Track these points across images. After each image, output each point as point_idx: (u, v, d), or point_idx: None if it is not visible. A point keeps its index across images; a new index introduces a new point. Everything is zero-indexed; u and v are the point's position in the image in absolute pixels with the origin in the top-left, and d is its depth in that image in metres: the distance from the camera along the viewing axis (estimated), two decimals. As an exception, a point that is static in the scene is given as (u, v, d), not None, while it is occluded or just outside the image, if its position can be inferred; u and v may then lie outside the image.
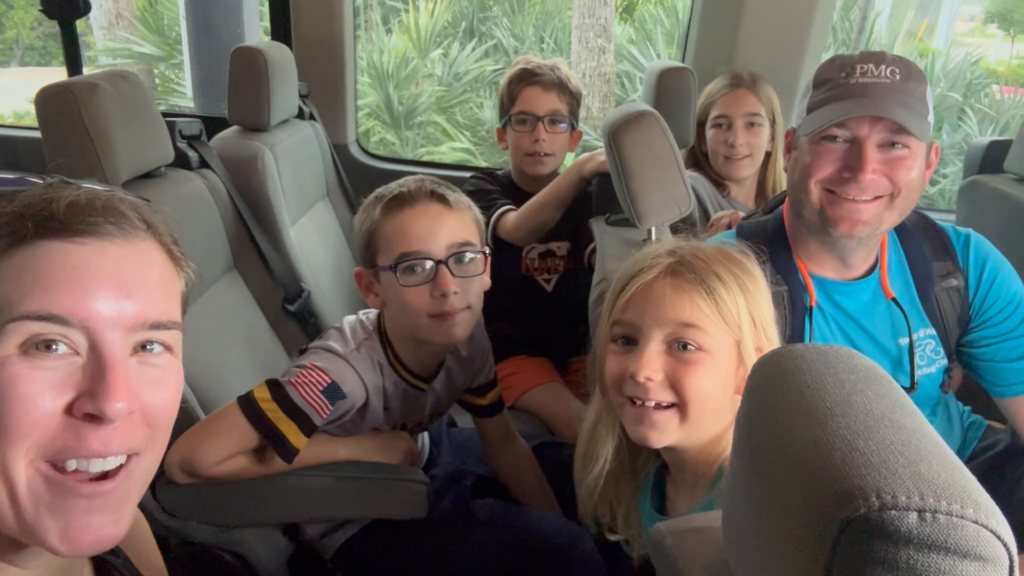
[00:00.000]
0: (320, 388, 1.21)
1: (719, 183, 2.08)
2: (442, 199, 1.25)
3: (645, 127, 1.41)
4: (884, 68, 1.17)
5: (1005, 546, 0.42)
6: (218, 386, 1.45)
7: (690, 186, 1.46)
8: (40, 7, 2.32)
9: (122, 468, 0.65)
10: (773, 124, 2.05)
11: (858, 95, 1.16)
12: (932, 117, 1.20)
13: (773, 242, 1.31)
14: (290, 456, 1.21)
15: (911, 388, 1.29)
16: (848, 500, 0.42)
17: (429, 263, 1.21)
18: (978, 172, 2.01)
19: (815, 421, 0.49)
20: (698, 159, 2.12)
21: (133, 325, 0.64)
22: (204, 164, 1.74)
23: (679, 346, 0.95)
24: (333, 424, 1.28)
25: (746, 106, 2.02)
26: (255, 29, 4.01)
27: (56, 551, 0.62)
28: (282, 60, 2.03)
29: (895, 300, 1.29)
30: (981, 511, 0.42)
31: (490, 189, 2.02)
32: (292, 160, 2.06)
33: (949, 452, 0.47)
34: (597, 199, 1.80)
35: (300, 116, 2.27)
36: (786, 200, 1.35)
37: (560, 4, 7.62)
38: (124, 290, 0.63)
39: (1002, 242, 1.38)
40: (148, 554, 0.93)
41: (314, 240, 2.16)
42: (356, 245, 1.33)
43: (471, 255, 1.25)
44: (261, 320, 1.79)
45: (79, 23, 2.39)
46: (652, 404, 0.95)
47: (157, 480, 1.09)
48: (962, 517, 0.41)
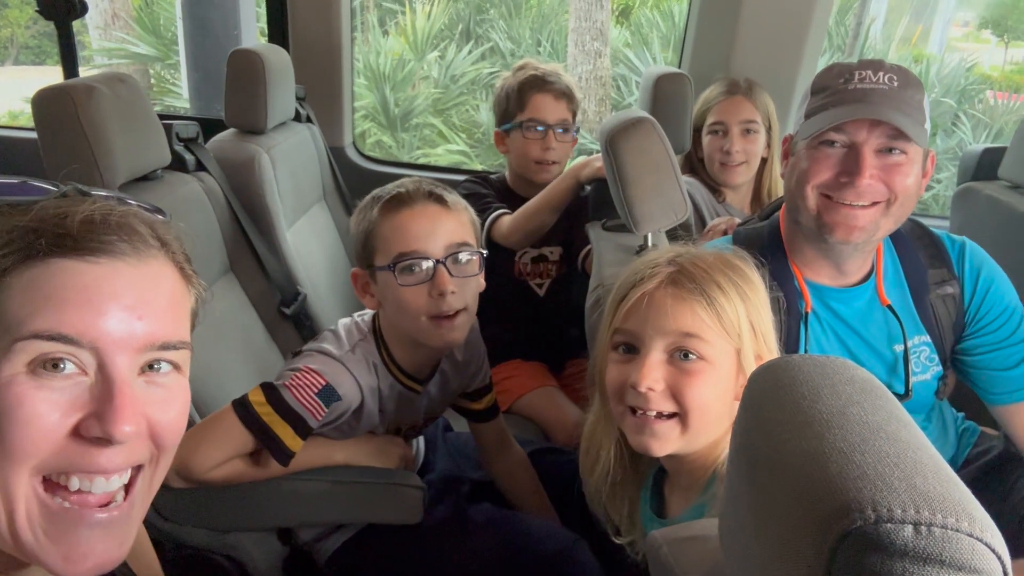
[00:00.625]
0: (315, 390, 1.21)
1: (715, 189, 2.08)
2: (440, 200, 1.25)
3: (642, 134, 1.41)
4: (882, 75, 1.18)
5: (999, 559, 0.43)
6: (214, 389, 1.44)
7: (687, 192, 1.46)
8: (36, 7, 2.31)
9: (126, 489, 0.65)
10: (769, 131, 2.06)
11: (856, 100, 1.17)
12: (929, 126, 1.21)
13: (769, 248, 1.32)
14: (286, 459, 1.21)
15: (905, 395, 1.30)
16: (844, 513, 0.43)
17: (427, 263, 1.21)
18: (972, 179, 2.02)
19: (812, 433, 0.50)
20: (694, 165, 2.13)
21: (143, 346, 0.63)
22: (201, 167, 1.73)
23: (680, 355, 0.95)
24: (328, 426, 1.28)
25: (742, 113, 2.02)
26: (252, 31, 4.00)
27: (58, 574, 0.62)
28: (279, 63, 2.03)
29: (890, 307, 1.29)
30: (976, 524, 0.42)
31: (484, 193, 2.02)
32: (289, 163, 2.06)
33: (944, 464, 0.47)
34: (593, 204, 1.80)
35: (297, 119, 2.26)
36: (782, 206, 1.36)
37: (556, 7, 7.64)
38: (135, 311, 0.63)
39: (996, 249, 1.39)
40: (144, 556, 0.93)
41: (310, 243, 2.16)
42: (352, 247, 1.33)
43: (468, 255, 1.25)
44: (257, 323, 1.79)
45: (75, 23, 2.38)
46: (653, 414, 0.96)
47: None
48: (957, 530, 0.42)
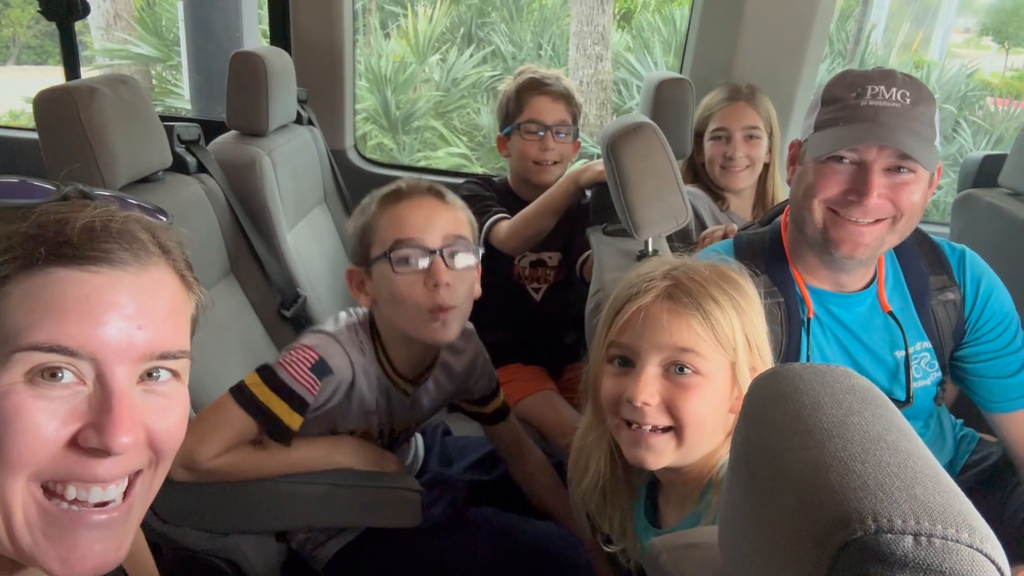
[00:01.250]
0: (308, 365, 1.21)
1: (718, 195, 2.08)
2: (438, 194, 1.26)
3: (643, 139, 1.41)
4: (895, 91, 1.16)
5: (999, 570, 0.43)
6: (213, 392, 1.43)
7: (687, 198, 1.46)
8: (39, 8, 2.31)
9: (124, 495, 0.64)
10: (771, 136, 2.06)
11: (868, 119, 1.16)
12: (939, 141, 1.20)
13: (770, 253, 1.32)
14: (286, 437, 1.21)
15: (907, 401, 1.30)
16: (845, 523, 0.43)
17: (424, 253, 1.22)
18: (972, 186, 2.02)
19: (812, 442, 0.49)
20: (696, 169, 2.13)
21: (142, 356, 0.63)
22: (202, 169, 1.74)
23: (676, 369, 0.95)
24: (324, 407, 1.27)
25: (745, 119, 2.02)
26: (254, 33, 4.00)
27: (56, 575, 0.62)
28: (281, 65, 2.03)
29: (892, 314, 1.29)
30: (976, 535, 0.42)
31: (485, 195, 2.02)
32: (290, 165, 2.06)
33: (944, 474, 0.47)
34: (594, 209, 1.80)
35: (298, 121, 2.27)
36: (784, 211, 1.36)
37: (558, 11, 7.65)
38: (135, 321, 0.62)
39: (996, 256, 1.39)
40: (140, 559, 0.93)
41: (311, 245, 2.16)
42: (351, 247, 1.34)
43: (464, 250, 1.25)
44: (257, 325, 1.79)
45: (77, 23, 2.38)
46: (649, 428, 0.96)
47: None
48: (957, 541, 0.42)
